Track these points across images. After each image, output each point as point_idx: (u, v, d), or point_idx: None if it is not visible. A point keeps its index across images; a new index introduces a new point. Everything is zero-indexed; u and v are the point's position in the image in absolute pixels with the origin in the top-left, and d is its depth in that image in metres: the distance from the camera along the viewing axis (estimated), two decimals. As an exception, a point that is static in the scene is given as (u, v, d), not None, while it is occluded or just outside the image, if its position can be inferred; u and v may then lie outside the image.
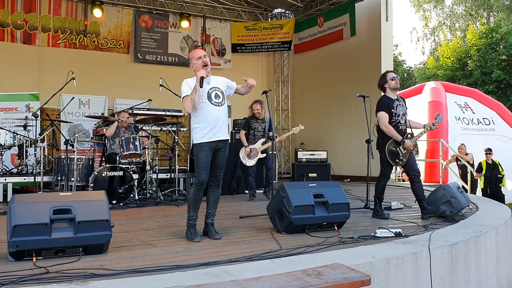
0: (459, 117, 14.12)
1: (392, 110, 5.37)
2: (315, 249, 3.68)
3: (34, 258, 3.31)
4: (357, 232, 4.37)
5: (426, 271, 3.58)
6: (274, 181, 7.23)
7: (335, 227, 4.52)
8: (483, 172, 10.68)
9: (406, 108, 5.57)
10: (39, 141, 7.21)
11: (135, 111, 7.80)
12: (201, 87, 4.14)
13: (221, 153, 4.33)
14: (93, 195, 3.77)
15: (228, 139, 4.40)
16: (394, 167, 5.67)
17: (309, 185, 4.57)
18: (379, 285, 3.26)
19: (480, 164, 10.85)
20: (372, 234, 4.21)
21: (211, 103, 4.24)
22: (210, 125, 4.22)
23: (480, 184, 10.87)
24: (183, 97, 4.21)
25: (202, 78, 4.13)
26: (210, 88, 4.26)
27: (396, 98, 5.47)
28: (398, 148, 5.36)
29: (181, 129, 8.87)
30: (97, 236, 3.48)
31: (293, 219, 4.27)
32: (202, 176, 4.22)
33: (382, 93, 5.61)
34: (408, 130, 5.50)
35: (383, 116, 5.37)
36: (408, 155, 5.39)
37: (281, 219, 4.45)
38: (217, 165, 4.34)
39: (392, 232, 4.20)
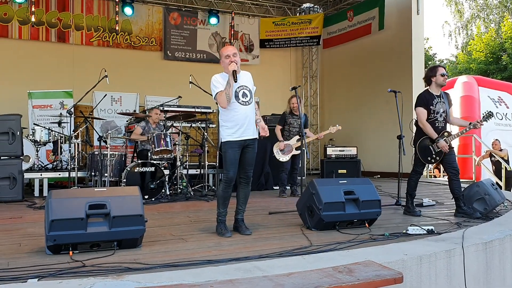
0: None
1: (431, 107, 5.26)
2: (346, 246, 3.67)
3: (70, 252, 3.41)
4: (389, 229, 4.33)
5: (459, 270, 3.53)
6: (303, 177, 7.19)
7: (366, 224, 4.49)
8: None
9: (451, 104, 5.45)
10: (73, 138, 7.39)
11: (165, 108, 7.90)
12: (235, 81, 4.14)
13: (250, 149, 4.33)
14: (127, 191, 3.85)
15: (256, 138, 4.38)
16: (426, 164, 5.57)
17: (340, 182, 4.55)
18: (411, 283, 3.23)
19: None
20: (404, 231, 4.17)
21: (239, 102, 4.24)
22: (238, 124, 4.22)
23: None
24: (217, 93, 4.20)
25: (234, 72, 4.12)
26: (238, 87, 4.24)
27: (438, 94, 5.35)
28: (431, 146, 5.26)
29: (210, 125, 8.94)
30: (131, 230, 3.56)
31: (323, 216, 4.26)
32: (230, 173, 4.25)
33: (425, 87, 5.49)
34: (448, 128, 5.39)
35: (421, 112, 5.28)
36: (444, 153, 5.28)
37: (311, 216, 4.44)
38: (246, 161, 4.35)
39: (424, 229, 4.15)
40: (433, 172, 12.79)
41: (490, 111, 5.47)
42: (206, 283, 2.55)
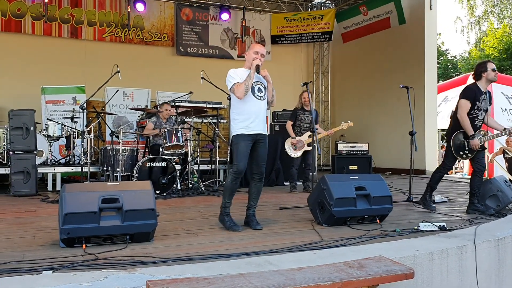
0: (505, 109, 13.57)
1: (477, 102, 5.13)
2: (357, 242, 3.68)
3: (84, 245, 3.46)
4: (400, 225, 4.33)
5: (471, 266, 3.51)
6: (314, 173, 7.19)
7: (377, 220, 4.49)
8: None
9: (490, 104, 5.35)
10: (85, 133, 7.46)
11: (177, 104, 7.94)
12: (257, 72, 4.25)
13: (262, 144, 4.36)
14: (139, 185, 3.88)
15: (267, 134, 4.43)
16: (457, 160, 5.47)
17: (351, 177, 4.54)
18: (423, 279, 3.23)
19: None
20: (415, 227, 4.16)
21: (254, 96, 4.29)
22: (251, 118, 4.26)
23: None
24: (234, 83, 4.24)
25: (258, 66, 4.22)
26: (255, 82, 4.31)
27: (485, 91, 5.22)
28: (465, 141, 5.17)
29: (221, 121, 8.97)
30: (143, 224, 3.60)
31: (334, 212, 4.27)
32: (241, 165, 4.25)
33: (473, 81, 5.31)
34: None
35: (465, 104, 5.12)
36: (476, 151, 5.21)
37: (322, 211, 4.45)
38: (260, 156, 4.37)
39: (435, 225, 4.14)
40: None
41: None
42: (218, 277, 2.57)
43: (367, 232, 4.04)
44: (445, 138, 5.38)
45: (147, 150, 7.86)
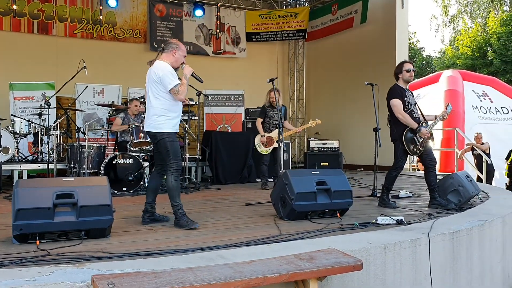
0: (476, 106, 13.86)
1: (405, 98, 5.27)
2: (313, 235, 3.70)
3: (37, 241, 3.40)
4: (360, 219, 4.37)
5: (425, 259, 3.57)
6: (286, 170, 7.19)
7: (338, 214, 4.52)
8: (509, 160, 10.64)
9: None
10: (52, 129, 7.34)
11: (146, 100, 7.84)
12: (201, 82, 4.55)
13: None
14: (95, 181, 3.85)
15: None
16: (408, 157, 5.59)
17: (312, 172, 4.58)
18: (375, 271, 3.27)
19: (510, 152, 10.84)
20: (373, 221, 4.20)
21: None
22: (178, 118, 4.41)
23: (505, 172, 10.82)
24: (177, 84, 4.20)
25: (195, 73, 4.43)
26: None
27: (406, 88, 5.39)
28: (415, 137, 5.27)
29: (192, 117, 8.93)
30: (99, 220, 3.56)
31: (295, 206, 4.29)
32: (180, 163, 4.43)
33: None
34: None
35: (398, 103, 5.24)
36: (425, 144, 5.32)
37: (283, 206, 4.47)
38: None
39: (393, 219, 4.19)
40: (417, 166, 12.86)
41: (448, 103, 5.66)
42: (165, 271, 2.55)
43: (326, 226, 4.07)
44: (392, 140, 5.42)
45: (116, 147, 7.78)
